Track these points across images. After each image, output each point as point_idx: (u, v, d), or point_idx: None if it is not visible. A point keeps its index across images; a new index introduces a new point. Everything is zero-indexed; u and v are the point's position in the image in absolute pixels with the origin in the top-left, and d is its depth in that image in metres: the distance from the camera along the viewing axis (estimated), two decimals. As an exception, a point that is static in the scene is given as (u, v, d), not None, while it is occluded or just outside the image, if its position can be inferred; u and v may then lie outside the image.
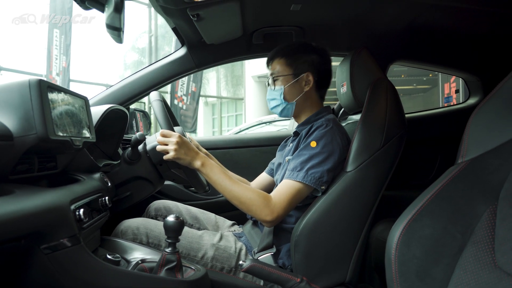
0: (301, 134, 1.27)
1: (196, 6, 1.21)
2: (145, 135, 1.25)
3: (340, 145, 1.20)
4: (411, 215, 0.78)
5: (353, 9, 1.48)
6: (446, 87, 7.02)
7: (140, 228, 1.20)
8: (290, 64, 1.31)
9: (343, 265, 1.19)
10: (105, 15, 0.98)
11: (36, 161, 0.90)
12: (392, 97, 1.25)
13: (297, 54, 1.31)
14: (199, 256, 1.20)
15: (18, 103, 0.80)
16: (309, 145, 1.19)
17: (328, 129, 1.20)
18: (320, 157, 1.16)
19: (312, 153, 1.17)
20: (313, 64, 1.31)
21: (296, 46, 1.33)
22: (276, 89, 1.32)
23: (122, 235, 1.18)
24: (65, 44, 8.61)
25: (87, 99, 1.10)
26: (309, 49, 1.33)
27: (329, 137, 1.19)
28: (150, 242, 1.18)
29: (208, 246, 1.22)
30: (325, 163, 1.16)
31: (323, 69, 1.33)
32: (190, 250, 1.20)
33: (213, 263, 1.20)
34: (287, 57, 1.31)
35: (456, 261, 0.74)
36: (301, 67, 1.30)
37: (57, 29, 8.50)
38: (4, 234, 0.64)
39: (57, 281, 0.80)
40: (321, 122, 1.23)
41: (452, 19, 1.58)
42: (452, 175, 0.80)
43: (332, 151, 1.18)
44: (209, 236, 1.28)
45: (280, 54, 1.33)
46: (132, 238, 1.17)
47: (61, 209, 0.80)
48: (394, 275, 0.76)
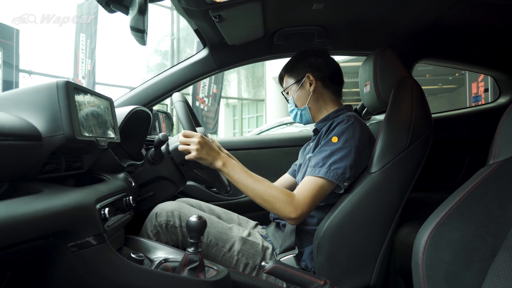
0: (321, 131, 1.27)
1: (217, 7, 1.22)
2: (167, 136, 1.26)
3: (362, 140, 1.19)
4: (439, 217, 0.76)
5: (376, 6, 1.45)
6: (474, 86, 6.81)
7: (174, 211, 1.22)
8: (291, 75, 1.41)
9: (368, 269, 1.16)
10: (129, 18, 1.00)
11: (63, 161, 0.92)
12: (417, 96, 1.21)
13: (295, 64, 1.40)
14: (226, 247, 1.21)
15: (46, 104, 0.82)
16: (330, 140, 1.18)
17: (350, 124, 1.19)
18: (342, 152, 1.15)
19: (334, 148, 1.15)
20: (311, 65, 1.36)
21: (294, 57, 1.43)
22: (290, 101, 1.42)
23: (157, 217, 1.21)
24: (90, 48, 8.87)
25: (112, 101, 1.12)
26: (306, 54, 1.40)
27: (350, 132, 1.17)
28: (182, 225, 1.21)
29: (237, 239, 1.23)
30: (347, 158, 1.15)
31: (323, 66, 1.36)
32: (219, 240, 1.21)
33: (238, 257, 1.21)
34: (289, 71, 1.41)
35: (488, 266, 0.71)
36: (300, 72, 1.38)
37: (83, 33, 8.77)
38: (34, 231, 0.66)
39: (82, 279, 0.82)
40: (342, 118, 1.23)
41: (480, 15, 1.52)
42: (484, 176, 0.77)
43: (354, 146, 1.16)
44: (238, 229, 1.29)
45: (283, 71, 1.44)
46: (166, 219, 1.20)
47: (87, 208, 0.82)
48: (421, 279, 0.74)
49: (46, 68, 15.23)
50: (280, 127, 5.67)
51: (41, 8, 15.67)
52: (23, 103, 0.82)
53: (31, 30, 13.64)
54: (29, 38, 14.61)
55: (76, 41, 8.81)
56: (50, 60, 16.81)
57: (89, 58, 8.90)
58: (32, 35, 15.53)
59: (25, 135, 0.75)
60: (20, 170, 0.77)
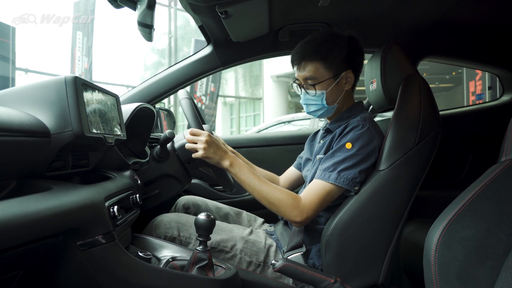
0: (334, 133, 1.23)
1: (224, 3, 1.20)
2: (174, 133, 1.25)
3: (377, 147, 1.17)
4: (451, 215, 0.75)
5: (381, 4, 1.45)
6: (471, 85, 6.84)
7: (171, 222, 1.21)
8: (328, 67, 1.21)
9: (376, 267, 1.15)
10: (137, 13, 0.99)
11: (70, 158, 0.91)
12: (425, 94, 1.21)
13: (331, 54, 1.21)
14: (228, 247, 1.20)
15: (55, 100, 0.80)
16: (344, 146, 1.15)
17: (365, 130, 1.16)
18: (355, 159, 1.13)
19: (347, 155, 1.13)
20: (350, 59, 1.24)
21: (328, 44, 1.21)
22: (318, 94, 1.23)
23: (155, 230, 1.19)
24: (87, 46, 8.83)
25: (118, 97, 1.11)
26: (341, 43, 1.23)
27: (365, 138, 1.15)
28: (181, 235, 1.19)
29: (238, 238, 1.22)
30: (360, 165, 1.13)
31: (359, 62, 1.27)
32: (220, 241, 1.20)
33: (241, 256, 1.20)
34: (323, 60, 1.21)
35: (502, 264, 0.70)
36: (339, 66, 1.22)
37: (80, 31, 8.72)
38: (46, 229, 0.65)
39: (92, 277, 0.81)
40: (357, 122, 1.18)
41: (485, 12, 1.52)
42: (496, 173, 0.76)
43: (368, 153, 1.14)
44: (239, 229, 1.28)
45: (312, 56, 1.21)
46: (164, 231, 1.19)
47: (97, 206, 0.81)
48: (434, 277, 0.73)
49: (42, 66, 15.15)
50: (278, 126, 5.67)
51: (40, 8, 15.61)
52: (31, 99, 0.81)
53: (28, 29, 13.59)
54: (27, 37, 14.55)
55: (73, 39, 8.76)
56: (47, 59, 16.74)
57: (85, 56, 8.85)
58: (30, 34, 15.47)
59: (34, 132, 0.74)
60: (28, 167, 0.76)
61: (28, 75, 8.26)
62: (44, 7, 15.91)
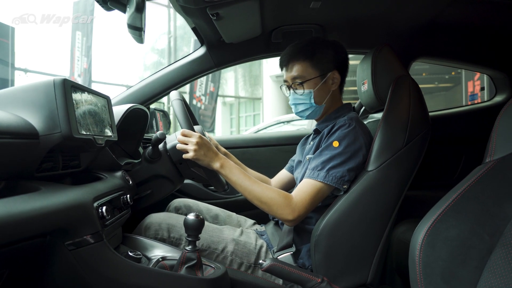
0: (322, 133, 1.25)
1: (215, 5, 1.21)
2: (165, 134, 1.26)
3: (364, 145, 1.18)
4: (436, 215, 0.76)
5: (374, 5, 1.45)
6: (470, 85, 6.85)
7: (162, 223, 1.22)
8: (314, 66, 1.26)
9: (365, 266, 1.16)
10: (127, 16, 1.00)
11: (61, 159, 0.92)
12: (415, 95, 1.22)
13: (318, 54, 1.26)
14: (219, 249, 1.21)
15: (44, 102, 0.81)
16: (331, 144, 1.16)
17: (351, 128, 1.18)
18: (343, 157, 1.14)
19: (334, 153, 1.15)
20: (336, 60, 1.29)
21: (314, 45, 1.28)
22: (305, 93, 1.27)
23: (145, 230, 1.20)
24: (86, 46, 8.83)
25: (109, 99, 1.12)
26: (326, 45, 1.29)
27: (352, 136, 1.17)
28: (171, 236, 1.20)
29: (229, 240, 1.23)
30: (347, 163, 1.14)
31: (345, 64, 1.32)
32: (211, 243, 1.21)
33: (232, 257, 1.21)
34: (310, 59, 1.26)
35: (484, 263, 0.71)
36: (326, 66, 1.27)
37: (79, 30, 8.72)
38: (32, 230, 0.66)
39: (80, 277, 0.82)
40: (343, 121, 1.20)
41: (477, 13, 1.53)
42: (480, 174, 0.77)
43: (355, 151, 1.16)
44: (230, 230, 1.29)
45: (299, 56, 1.27)
46: (154, 233, 1.20)
47: (85, 206, 0.82)
48: (418, 276, 0.74)
49: (42, 66, 15.15)
50: (278, 125, 5.69)
51: (40, 8, 15.62)
52: (20, 101, 0.82)
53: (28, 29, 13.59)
54: (27, 37, 14.55)
55: (72, 39, 8.77)
56: (47, 59, 16.72)
57: (85, 56, 8.86)
58: (30, 33, 15.47)
59: (22, 133, 0.75)
60: (17, 169, 0.77)
61: (27, 75, 8.27)
62: (44, 7, 15.91)
